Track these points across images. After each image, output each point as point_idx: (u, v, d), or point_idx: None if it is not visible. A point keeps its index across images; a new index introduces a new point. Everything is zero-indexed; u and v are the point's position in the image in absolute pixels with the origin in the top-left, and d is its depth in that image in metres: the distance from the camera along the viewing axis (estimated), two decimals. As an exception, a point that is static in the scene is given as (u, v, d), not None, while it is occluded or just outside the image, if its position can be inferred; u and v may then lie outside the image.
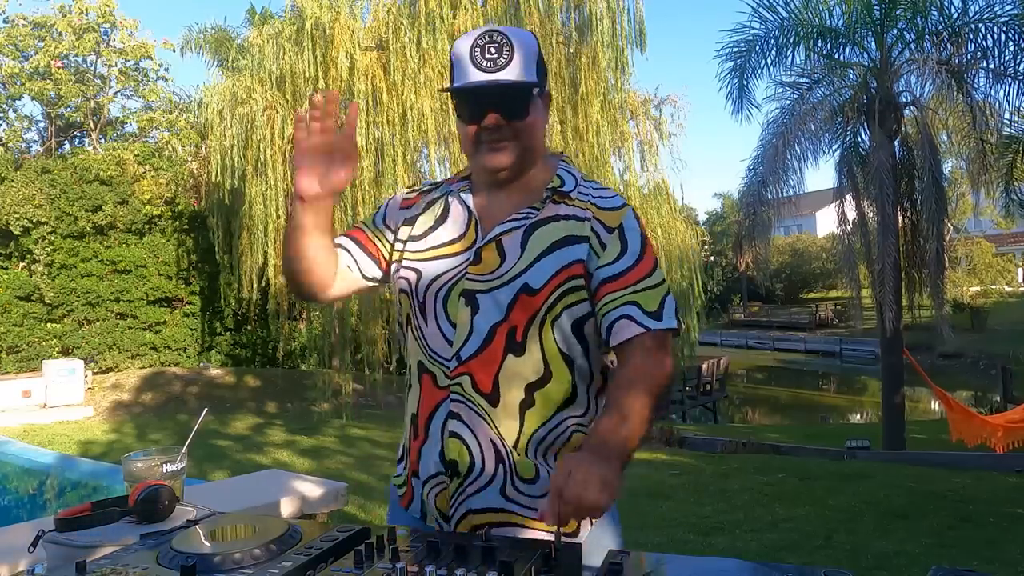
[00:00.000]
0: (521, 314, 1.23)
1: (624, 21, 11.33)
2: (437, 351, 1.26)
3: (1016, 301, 28.07)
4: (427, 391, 1.27)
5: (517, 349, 1.23)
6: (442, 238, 1.32)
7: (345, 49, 10.36)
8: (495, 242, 1.28)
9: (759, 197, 10.57)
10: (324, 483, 3.25)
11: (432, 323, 1.28)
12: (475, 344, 1.23)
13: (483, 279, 1.25)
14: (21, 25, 16.10)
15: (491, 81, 1.22)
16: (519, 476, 1.23)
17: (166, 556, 0.98)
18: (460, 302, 1.25)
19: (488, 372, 1.23)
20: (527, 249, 1.26)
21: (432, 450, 1.26)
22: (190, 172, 15.64)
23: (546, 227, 1.28)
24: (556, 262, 1.25)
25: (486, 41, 1.22)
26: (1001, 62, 9.46)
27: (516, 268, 1.25)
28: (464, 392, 1.24)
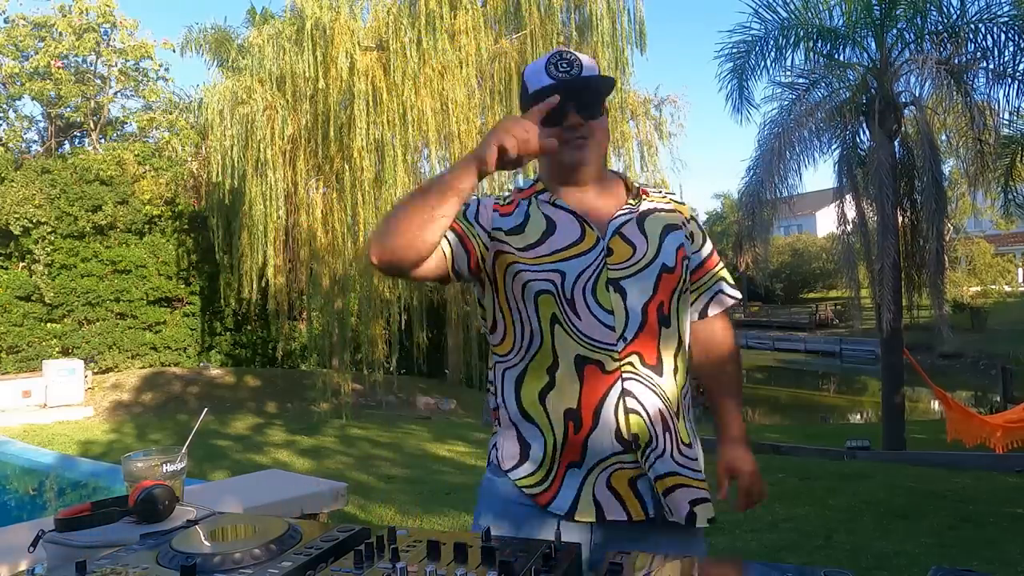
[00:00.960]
0: (665, 290, 1.40)
1: (624, 21, 11.35)
2: (600, 339, 1.35)
3: (1016, 301, 28.07)
4: (592, 380, 1.35)
5: (666, 321, 1.40)
6: (564, 241, 1.40)
7: (345, 49, 10.36)
8: (618, 234, 1.41)
9: (758, 197, 10.56)
10: (324, 483, 3.26)
11: (587, 316, 1.36)
12: (635, 324, 1.36)
13: (623, 267, 1.38)
14: (21, 25, 16.10)
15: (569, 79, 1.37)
16: (681, 441, 1.40)
17: (166, 556, 0.98)
18: (609, 290, 1.36)
19: (652, 346, 1.37)
20: (648, 236, 1.43)
21: (605, 434, 1.34)
22: (190, 172, 15.65)
23: (651, 217, 1.47)
24: (673, 242, 1.44)
25: (558, 59, 1.40)
26: (1001, 62, 9.45)
27: (650, 251, 1.41)
28: (635, 370, 1.35)
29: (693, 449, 1.42)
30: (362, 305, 12.20)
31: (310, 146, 11.49)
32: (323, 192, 11.94)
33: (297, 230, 12.18)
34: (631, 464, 1.34)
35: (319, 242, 11.65)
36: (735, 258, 16.54)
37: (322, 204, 11.66)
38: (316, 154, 11.46)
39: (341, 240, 11.58)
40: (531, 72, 1.44)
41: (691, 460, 1.41)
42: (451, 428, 11.37)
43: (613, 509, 1.34)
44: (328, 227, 11.64)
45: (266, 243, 11.50)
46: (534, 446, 1.39)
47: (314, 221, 11.67)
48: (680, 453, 1.39)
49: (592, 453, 1.34)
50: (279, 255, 12.16)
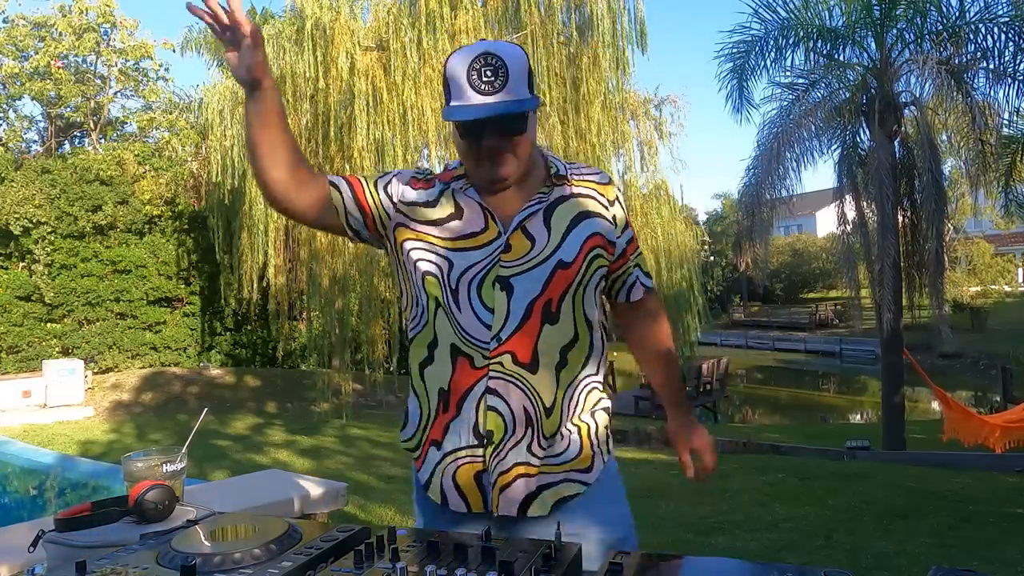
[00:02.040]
0: (557, 287, 1.37)
1: (624, 21, 11.33)
2: (473, 335, 1.36)
3: (1016, 301, 28.08)
4: (462, 371, 1.37)
5: (552, 318, 1.37)
6: (463, 230, 1.39)
7: (345, 49, 10.36)
8: (520, 228, 1.38)
9: (758, 197, 10.57)
10: (324, 483, 3.25)
11: (467, 310, 1.36)
12: (513, 323, 1.35)
13: (517, 263, 1.37)
14: (21, 25, 16.10)
15: (491, 104, 1.29)
16: (543, 435, 1.37)
17: (166, 556, 0.98)
18: (495, 288, 1.36)
19: (527, 345, 1.35)
20: (552, 228, 1.39)
21: (463, 424, 1.37)
22: (190, 172, 15.65)
23: (562, 206, 1.42)
24: (581, 235, 1.40)
25: (482, 64, 1.29)
26: (1001, 62, 9.46)
27: (549, 246, 1.38)
28: (504, 369, 1.35)
29: (558, 442, 1.39)
30: (362, 305, 12.20)
31: (310, 146, 11.48)
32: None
33: (297, 230, 12.17)
34: (479, 459, 1.36)
35: (319, 242, 11.64)
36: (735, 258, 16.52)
37: (322, 204, 11.65)
38: (316, 154, 11.45)
39: (341, 240, 11.56)
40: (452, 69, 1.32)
41: (550, 453, 1.38)
42: (451, 428, 11.34)
43: (454, 500, 1.39)
44: (328, 227, 11.63)
45: (266, 243, 11.50)
46: (414, 413, 1.47)
47: (314, 221, 11.66)
48: (538, 445, 1.37)
49: (449, 439, 1.38)
50: (279, 255, 12.17)
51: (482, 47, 1.32)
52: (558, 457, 1.40)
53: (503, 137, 1.33)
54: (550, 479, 1.38)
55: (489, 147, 1.34)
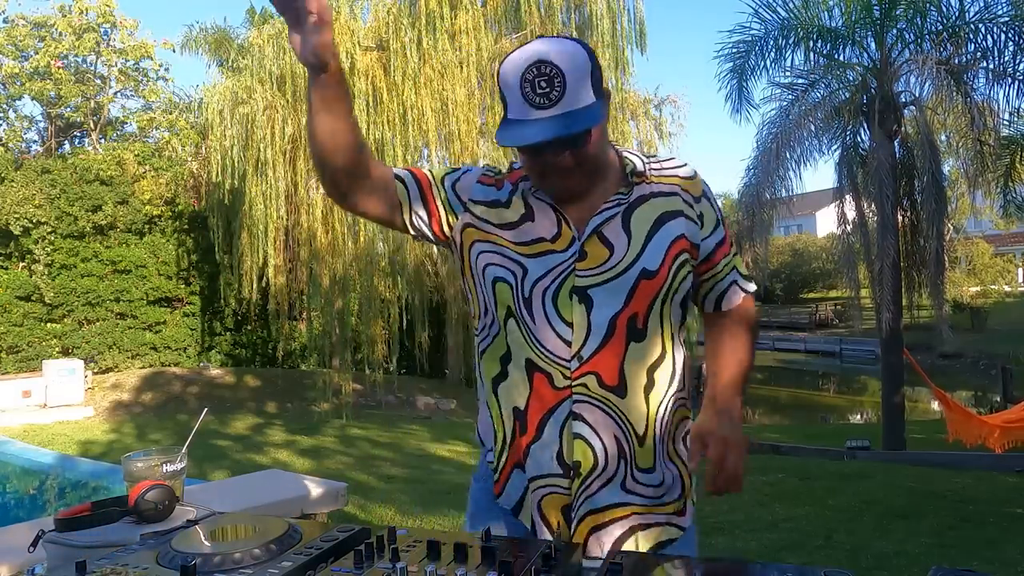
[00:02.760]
0: (642, 299, 1.24)
1: (624, 21, 11.36)
2: (552, 351, 1.24)
3: (1016, 301, 28.07)
4: (541, 389, 1.25)
5: (639, 335, 1.24)
6: (537, 232, 1.27)
7: (345, 49, 10.36)
8: (596, 234, 1.25)
9: (758, 197, 10.56)
10: (324, 483, 3.25)
11: (543, 322, 1.24)
12: (596, 340, 1.22)
13: (594, 273, 1.24)
14: (21, 25, 16.10)
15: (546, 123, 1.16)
16: (638, 467, 1.25)
17: (166, 556, 0.98)
18: (572, 300, 1.23)
19: (613, 365, 1.23)
20: (633, 233, 1.26)
21: (547, 450, 1.25)
22: (190, 172, 15.65)
23: (641, 208, 1.28)
24: (664, 239, 1.26)
25: (535, 75, 1.16)
26: (1001, 62, 9.46)
27: (629, 254, 1.24)
28: (589, 391, 1.22)
29: (654, 474, 1.26)
30: (362, 305, 12.20)
31: (310, 146, 11.48)
32: (323, 192, 11.93)
33: (297, 230, 12.18)
34: (564, 491, 1.24)
35: (319, 242, 11.65)
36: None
37: (322, 204, 11.66)
38: (316, 154, 11.45)
39: (341, 240, 11.58)
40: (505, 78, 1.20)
41: (646, 487, 1.26)
42: (451, 428, 11.36)
43: (543, 532, 1.27)
44: (328, 227, 11.64)
45: (266, 243, 11.50)
46: (487, 432, 1.35)
47: (314, 221, 11.68)
48: (634, 480, 1.25)
49: (533, 464, 1.26)
50: (279, 255, 12.17)
51: (535, 53, 1.17)
52: (659, 499, 1.27)
53: (565, 153, 1.20)
54: (647, 520, 1.26)
55: (552, 164, 1.21)
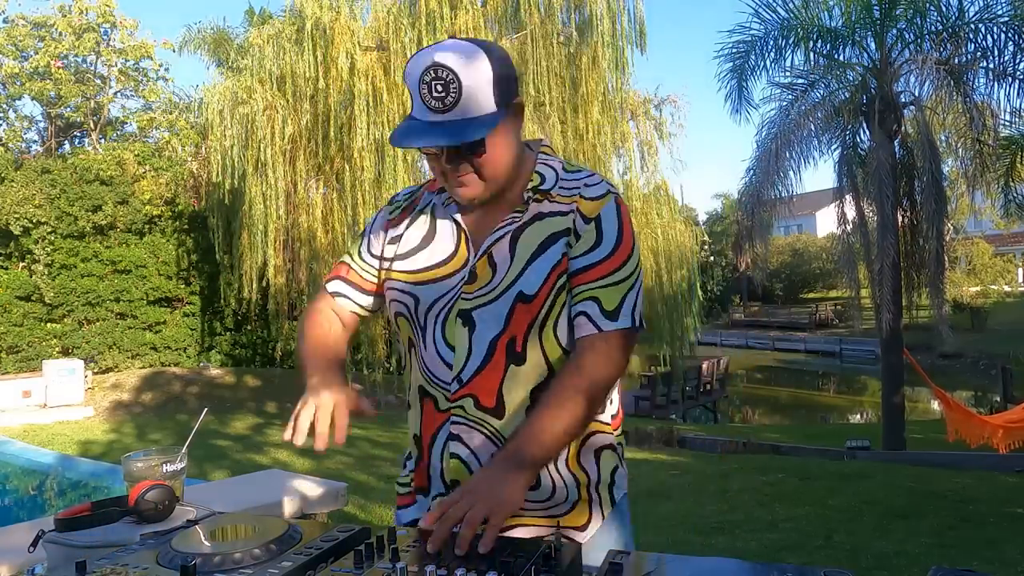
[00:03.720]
0: (520, 323, 1.21)
1: (624, 21, 11.35)
2: (437, 375, 1.25)
3: (1016, 301, 28.07)
4: (428, 415, 1.27)
5: (519, 359, 1.22)
6: (433, 258, 1.28)
7: (345, 49, 10.36)
8: (487, 255, 1.24)
9: (758, 197, 10.58)
10: (324, 483, 3.25)
11: (431, 347, 1.25)
12: (475, 363, 1.22)
13: (477, 295, 1.23)
14: (21, 25, 16.09)
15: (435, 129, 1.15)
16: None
17: (166, 556, 0.98)
18: (457, 323, 1.23)
19: (491, 388, 1.21)
20: (516, 255, 1.23)
21: (435, 472, 1.27)
22: (190, 172, 15.64)
23: (531, 228, 1.25)
24: (547, 262, 1.22)
25: (432, 78, 1.14)
26: (1000, 62, 9.46)
27: (508, 277, 1.22)
28: (466, 413, 1.22)
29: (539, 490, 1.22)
30: (362, 305, 12.19)
31: (310, 146, 11.48)
32: (323, 192, 11.94)
33: (297, 230, 12.18)
34: None
35: (319, 242, 11.64)
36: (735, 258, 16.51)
37: (322, 204, 11.66)
38: (316, 154, 11.46)
39: (341, 240, 11.58)
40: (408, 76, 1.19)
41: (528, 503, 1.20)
42: (451, 428, 11.34)
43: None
44: (328, 227, 11.64)
45: (266, 243, 11.50)
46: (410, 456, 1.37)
47: (314, 221, 11.68)
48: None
49: (432, 484, 1.28)
50: (279, 255, 12.16)
51: (432, 57, 1.15)
52: (547, 510, 1.24)
53: (462, 158, 1.19)
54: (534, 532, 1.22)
55: (448, 171, 1.21)
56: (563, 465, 1.25)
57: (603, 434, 1.30)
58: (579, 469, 1.27)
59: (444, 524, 1.01)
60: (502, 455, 1.16)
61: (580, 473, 1.27)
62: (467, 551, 0.96)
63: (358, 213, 10.98)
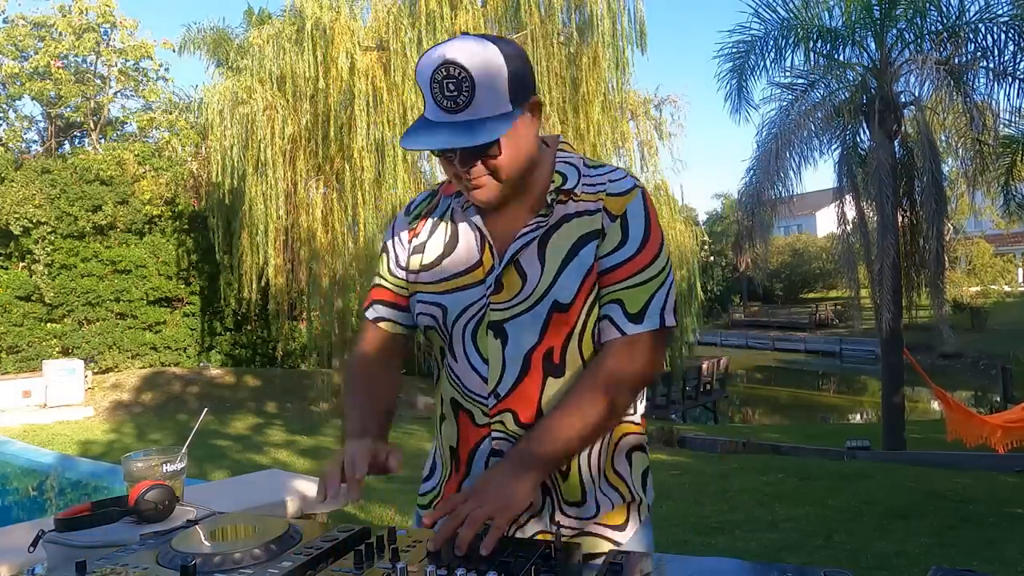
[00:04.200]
0: (557, 334, 1.16)
1: (624, 21, 11.34)
2: (472, 389, 1.20)
3: (1016, 301, 28.07)
4: (465, 428, 1.22)
5: (556, 371, 1.17)
6: (457, 267, 1.23)
7: (345, 49, 10.36)
8: (513, 263, 1.19)
9: (758, 197, 10.58)
10: (324, 483, 3.24)
11: (463, 360, 1.21)
12: (511, 377, 1.17)
13: (508, 306, 1.17)
14: (21, 25, 16.10)
15: (449, 129, 1.11)
16: (565, 502, 1.20)
17: (166, 556, 0.98)
18: (489, 335, 1.18)
19: (530, 404, 1.17)
20: (546, 261, 1.17)
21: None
22: (190, 172, 15.65)
23: (558, 232, 1.19)
24: (580, 268, 1.17)
25: (443, 76, 1.09)
26: (1000, 62, 9.46)
27: (541, 285, 1.16)
28: (506, 429, 1.18)
29: (586, 505, 1.20)
30: (362, 305, 12.19)
31: (310, 146, 11.48)
32: (323, 192, 11.94)
33: (297, 230, 12.18)
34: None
35: (319, 242, 11.64)
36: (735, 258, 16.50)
37: (322, 204, 11.66)
38: (316, 154, 11.45)
39: (341, 240, 11.58)
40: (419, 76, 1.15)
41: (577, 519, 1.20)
42: (451, 428, 11.35)
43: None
44: (328, 227, 11.64)
45: (266, 243, 11.49)
46: (436, 466, 1.33)
47: (314, 221, 11.68)
48: (563, 514, 1.20)
49: None
50: (279, 255, 12.16)
51: (443, 54, 1.10)
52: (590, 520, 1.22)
53: (476, 159, 1.14)
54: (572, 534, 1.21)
55: (462, 173, 1.16)
56: (603, 481, 1.22)
57: (634, 434, 1.27)
58: (616, 478, 1.24)
59: (449, 523, 0.99)
60: (512, 456, 1.12)
61: (619, 482, 1.24)
62: (466, 552, 0.95)
63: (358, 213, 10.98)
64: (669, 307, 1.20)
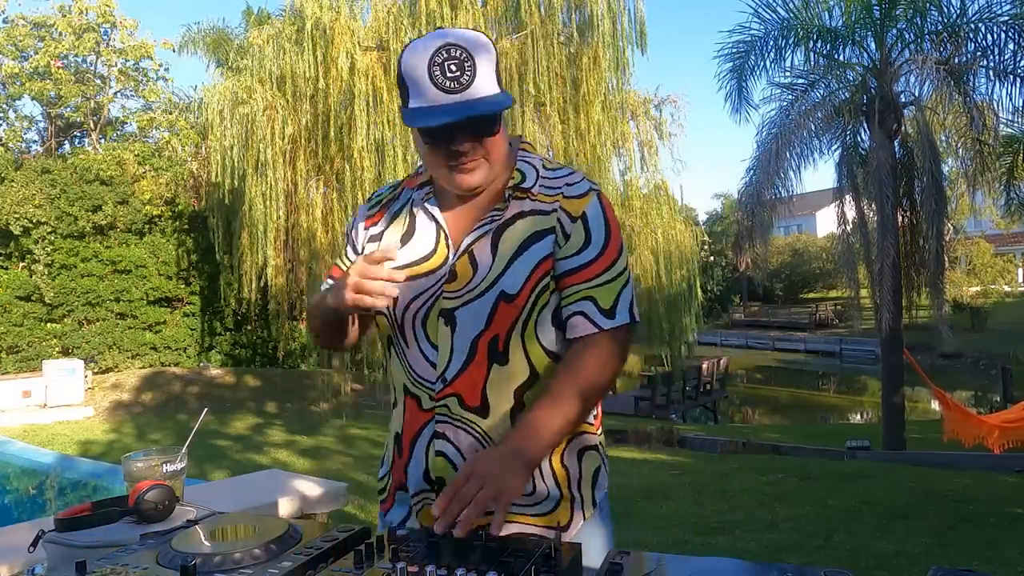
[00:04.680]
0: (502, 322, 1.20)
1: (624, 21, 11.35)
2: (421, 375, 1.25)
3: (1016, 301, 28.09)
4: (411, 413, 1.27)
5: (501, 358, 1.21)
6: (413, 256, 1.27)
7: (345, 49, 10.36)
8: (467, 253, 1.23)
9: (758, 198, 10.58)
10: (324, 483, 3.25)
11: (414, 346, 1.25)
12: (458, 362, 1.22)
13: (459, 294, 1.22)
14: (21, 25, 16.10)
15: (459, 104, 1.13)
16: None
17: (166, 556, 0.98)
18: (439, 322, 1.22)
19: (475, 387, 1.21)
20: (498, 254, 1.22)
21: (416, 469, 1.25)
22: (190, 172, 15.65)
23: (512, 227, 1.24)
24: (529, 261, 1.21)
25: (444, 58, 1.13)
26: (1001, 60, 9.46)
27: (491, 275, 1.21)
28: (450, 413, 1.22)
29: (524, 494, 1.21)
30: (362, 305, 12.18)
31: (310, 146, 11.48)
32: (323, 192, 11.94)
33: (297, 230, 12.18)
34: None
35: (319, 242, 11.64)
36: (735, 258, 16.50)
37: (322, 204, 11.66)
38: (316, 154, 11.46)
39: (341, 240, 11.56)
40: (410, 67, 1.15)
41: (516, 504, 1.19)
42: (451, 428, 11.35)
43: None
44: (328, 227, 11.64)
45: (266, 243, 11.49)
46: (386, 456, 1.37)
47: (314, 221, 11.68)
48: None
49: (411, 483, 1.27)
50: (279, 255, 12.16)
51: (441, 37, 1.15)
52: (530, 507, 1.23)
53: (474, 141, 1.18)
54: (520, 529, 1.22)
55: (458, 153, 1.18)
56: (546, 463, 1.24)
57: (587, 435, 1.30)
58: (561, 467, 1.26)
59: (456, 505, 1.02)
60: (504, 449, 1.14)
61: (561, 471, 1.26)
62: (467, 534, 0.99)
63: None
64: (634, 303, 1.27)
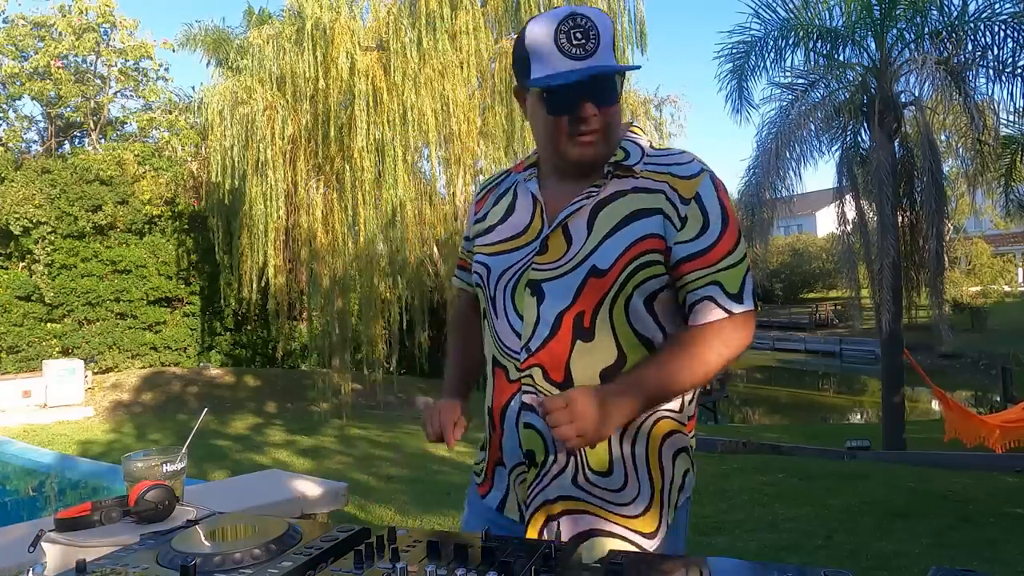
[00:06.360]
0: (590, 298, 1.20)
1: (624, 21, 11.35)
2: (508, 345, 1.26)
3: (1016, 301, 28.08)
4: (499, 385, 1.27)
5: (586, 335, 1.20)
6: (509, 231, 1.31)
7: (345, 49, 10.36)
8: (561, 227, 1.24)
9: (758, 197, 10.57)
10: (324, 483, 3.25)
11: (502, 317, 1.28)
12: (542, 334, 1.22)
13: (550, 267, 1.23)
14: (21, 25, 16.10)
15: (585, 68, 1.17)
16: (590, 468, 1.22)
17: (166, 556, 0.98)
18: (526, 293, 1.24)
19: (558, 361, 1.21)
20: (594, 229, 1.22)
21: (511, 441, 1.25)
22: (190, 172, 15.65)
23: (613, 203, 1.23)
24: (626, 238, 1.20)
25: (570, 26, 1.17)
26: (1000, 60, 9.45)
27: (583, 250, 1.21)
28: (535, 384, 1.22)
29: (611, 477, 1.21)
30: (362, 305, 12.20)
31: (310, 146, 11.48)
32: (323, 192, 11.94)
33: (297, 230, 12.18)
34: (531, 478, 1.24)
35: (319, 242, 11.64)
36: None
37: (322, 204, 11.66)
38: (316, 154, 11.45)
39: (341, 240, 11.58)
40: (535, 37, 1.20)
41: (602, 489, 1.21)
42: (451, 428, 11.33)
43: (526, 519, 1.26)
44: (328, 227, 11.64)
45: (266, 243, 11.49)
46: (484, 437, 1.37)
47: (314, 221, 11.68)
48: (586, 479, 1.21)
49: (507, 456, 1.27)
50: (279, 255, 12.16)
51: (567, 9, 1.20)
52: (617, 504, 1.22)
53: (598, 107, 1.20)
54: (604, 527, 1.21)
55: (581, 120, 1.20)
56: (643, 462, 1.23)
57: (681, 435, 1.28)
58: (657, 469, 1.24)
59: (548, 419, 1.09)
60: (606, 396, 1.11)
61: (656, 473, 1.24)
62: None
63: (358, 213, 10.98)
64: (754, 288, 1.28)
